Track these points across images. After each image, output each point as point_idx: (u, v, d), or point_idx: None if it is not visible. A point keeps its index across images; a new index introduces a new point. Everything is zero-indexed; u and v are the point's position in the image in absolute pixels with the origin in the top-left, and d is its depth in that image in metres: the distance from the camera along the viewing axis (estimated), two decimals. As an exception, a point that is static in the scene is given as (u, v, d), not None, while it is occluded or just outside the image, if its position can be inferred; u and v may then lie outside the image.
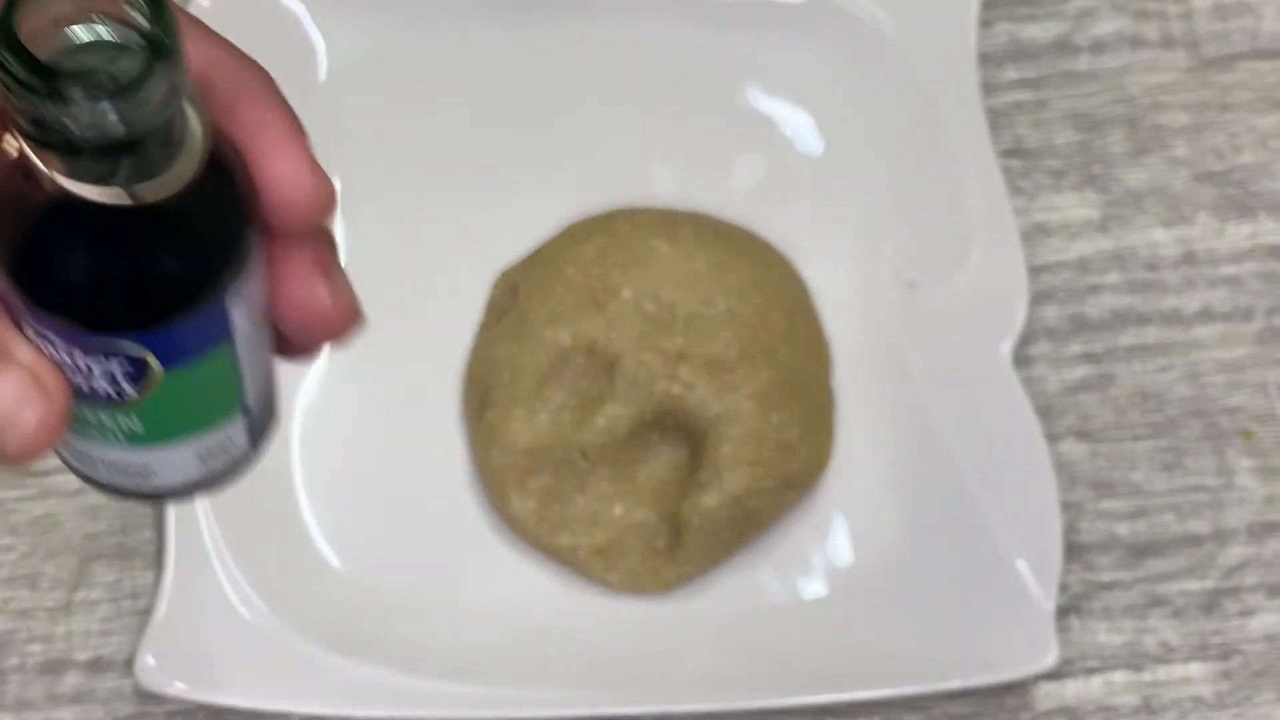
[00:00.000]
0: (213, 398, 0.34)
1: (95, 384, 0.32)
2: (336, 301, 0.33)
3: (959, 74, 0.61)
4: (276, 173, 0.32)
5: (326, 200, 0.32)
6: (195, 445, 0.34)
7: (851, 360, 0.59)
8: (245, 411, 0.35)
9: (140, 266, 0.30)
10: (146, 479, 0.35)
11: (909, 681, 0.54)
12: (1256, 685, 0.57)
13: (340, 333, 0.34)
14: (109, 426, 0.33)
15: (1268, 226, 0.62)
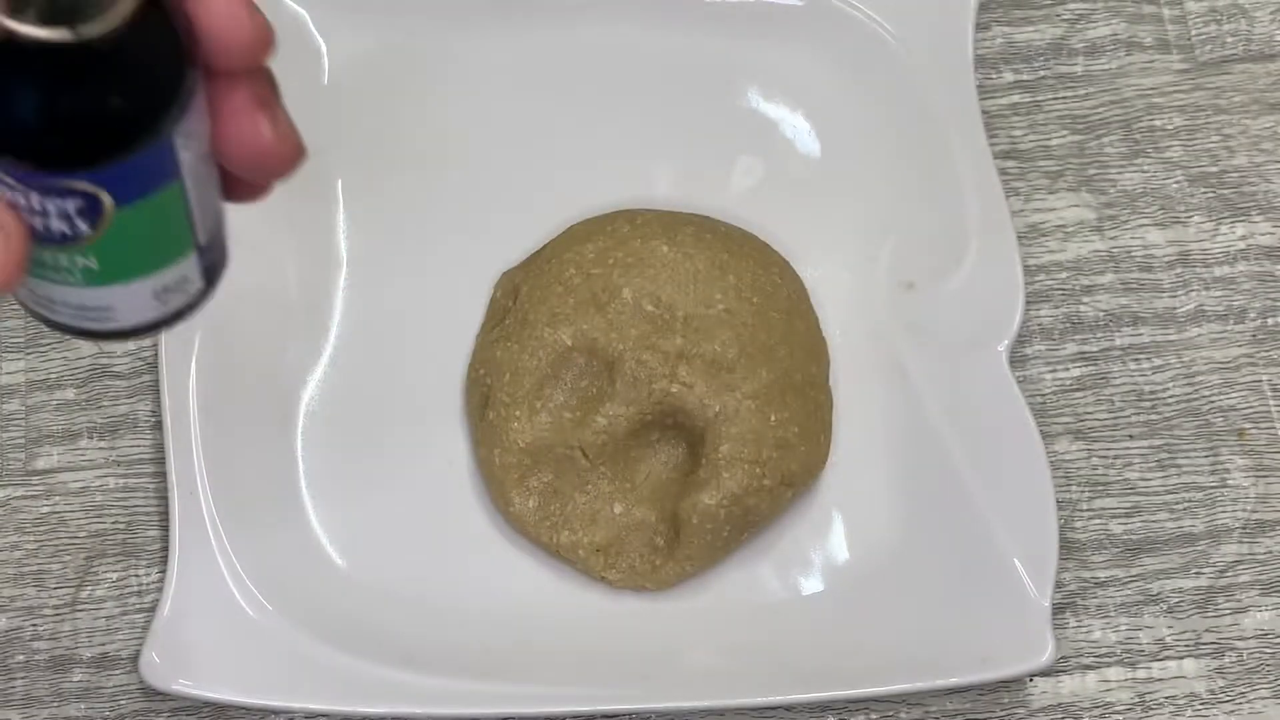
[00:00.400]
0: (166, 235, 0.34)
1: (51, 224, 0.32)
2: (279, 136, 0.34)
3: (956, 76, 0.62)
4: (214, 13, 0.32)
5: (264, 39, 0.33)
6: (152, 283, 0.35)
7: (849, 360, 0.60)
8: (198, 249, 0.36)
9: (88, 104, 0.31)
10: (106, 319, 0.36)
11: (906, 678, 0.54)
12: (1250, 682, 0.57)
13: (283, 167, 0.35)
14: (66, 267, 0.34)
15: (1261, 228, 0.63)
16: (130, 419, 0.59)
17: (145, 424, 0.59)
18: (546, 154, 0.63)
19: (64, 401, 0.59)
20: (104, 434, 0.59)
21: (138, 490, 0.58)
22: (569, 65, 0.64)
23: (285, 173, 0.35)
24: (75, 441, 0.59)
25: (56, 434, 0.59)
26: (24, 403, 0.60)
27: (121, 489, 0.58)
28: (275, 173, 0.35)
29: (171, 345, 0.57)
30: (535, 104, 0.63)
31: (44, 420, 0.59)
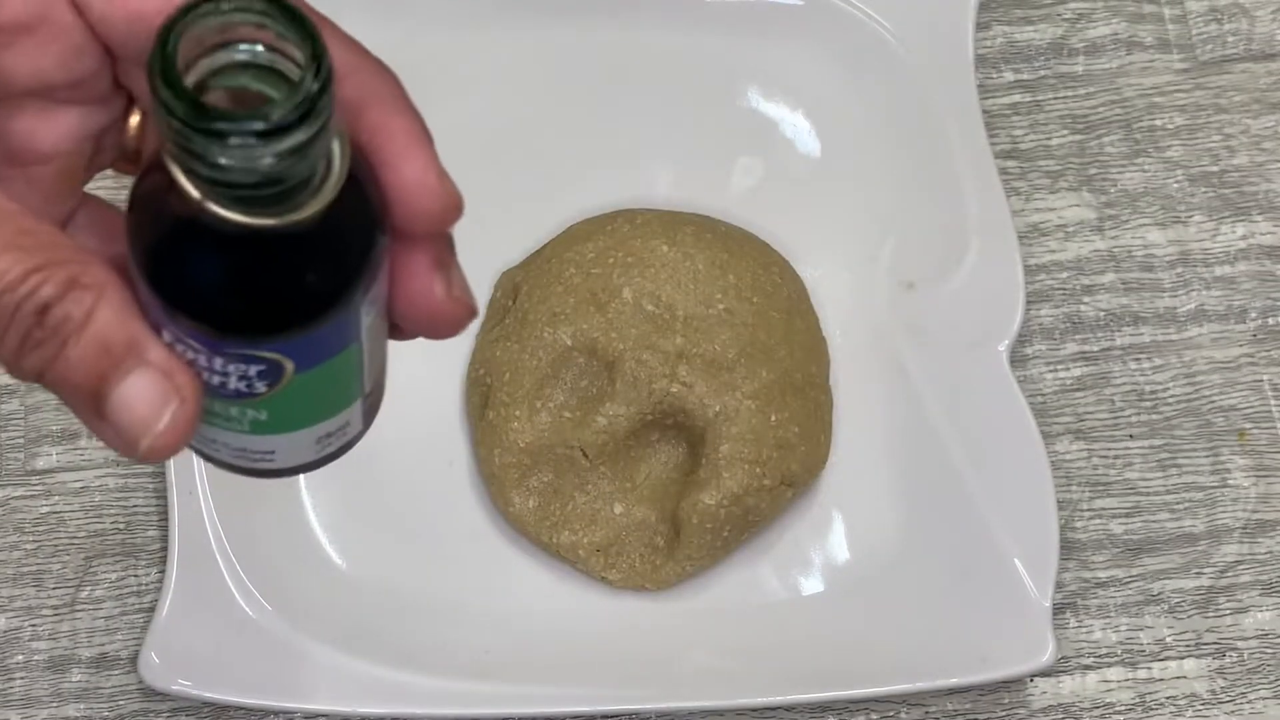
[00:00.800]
0: (338, 391, 0.35)
1: (228, 383, 0.32)
2: (451, 299, 0.34)
3: (956, 76, 0.62)
4: (405, 180, 0.32)
5: (453, 207, 0.33)
6: (316, 431, 0.35)
7: (849, 360, 0.60)
8: (363, 397, 0.36)
9: (281, 281, 0.31)
10: (266, 461, 0.36)
11: (906, 678, 0.54)
12: (1251, 682, 0.57)
13: (453, 329, 0.35)
14: (236, 417, 0.34)
15: (1262, 227, 0.63)
16: (129, 419, 0.59)
17: (144, 424, 0.59)
18: (546, 154, 0.63)
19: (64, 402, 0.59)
20: (103, 434, 0.59)
21: (137, 490, 0.58)
22: (569, 65, 0.64)
23: (453, 333, 0.35)
24: (75, 441, 0.59)
25: (56, 434, 0.59)
26: (23, 402, 0.59)
27: (121, 489, 0.58)
28: (444, 333, 0.35)
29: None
30: (535, 104, 0.63)
31: (43, 420, 0.59)
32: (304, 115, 0.29)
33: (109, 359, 0.31)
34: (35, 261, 0.31)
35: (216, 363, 0.32)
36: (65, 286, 0.31)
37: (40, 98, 0.34)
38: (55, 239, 0.32)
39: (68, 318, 0.31)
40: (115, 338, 0.31)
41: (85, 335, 0.31)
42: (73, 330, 0.31)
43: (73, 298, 0.31)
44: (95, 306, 0.31)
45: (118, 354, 0.31)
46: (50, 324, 0.31)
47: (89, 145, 0.35)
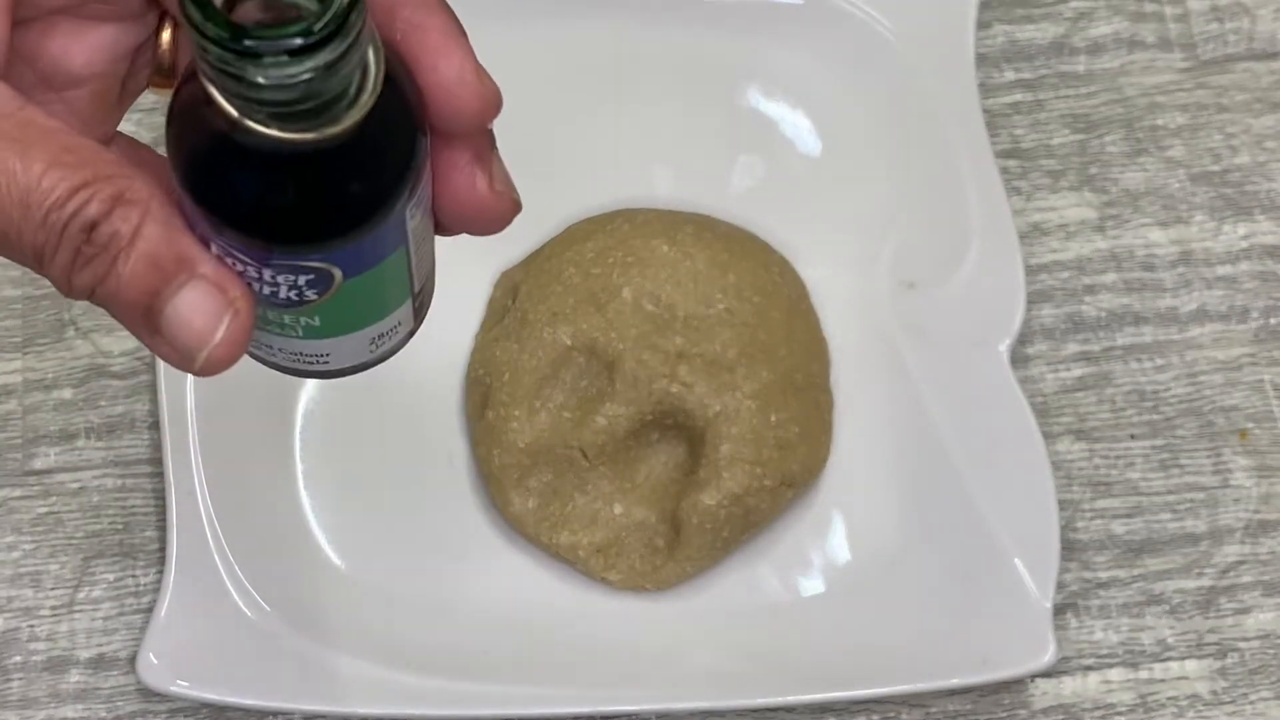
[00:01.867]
0: (388, 293, 0.35)
1: (280, 293, 0.33)
2: (495, 193, 0.34)
3: (957, 75, 0.61)
4: (443, 79, 0.32)
5: (492, 102, 0.33)
6: (370, 332, 0.35)
7: (850, 360, 0.60)
8: (413, 295, 0.36)
9: (325, 191, 0.31)
10: (321, 363, 0.36)
11: (907, 679, 0.54)
12: (1253, 683, 0.57)
13: (498, 223, 0.35)
14: (289, 324, 0.34)
15: (1264, 227, 0.63)
16: (128, 419, 0.59)
17: (143, 424, 0.59)
18: (546, 153, 0.62)
19: (61, 401, 0.59)
20: (101, 434, 0.59)
21: (135, 491, 0.58)
22: (568, 64, 0.64)
23: (499, 228, 0.35)
24: (73, 442, 0.59)
25: (54, 434, 0.59)
26: (21, 403, 0.59)
27: (119, 489, 0.58)
28: (489, 228, 0.35)
29: (169, 345, 0.57)
30: (535, 103, 0.63)
31: (41, 420, 0.59)
32: (336, 30, 0.28)
33: (160, 274, 0.31)
34: (80, 178, 0.31)
35: (266, 274, 0.32)
36: (111, 202, 0.31)
37: (71, 15, 0.34)
38: (98, 154, 0.31)
39: (116, 234, 0.31)
40: (165, 252, 0.31)
41: (135, 251, 0.31)
42: (122, 246, 0.31)
43: (120, 214, 0.31)
44: (143, 222, 0.31)
45: (169, 269, 0.31)
46: (99, 240, 0.31)
47: (123, 65, 0.35)
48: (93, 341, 0.60)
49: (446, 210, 0.34)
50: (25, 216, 0.31)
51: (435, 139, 0.33)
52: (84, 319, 0.60)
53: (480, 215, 0.34)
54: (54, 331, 0.60)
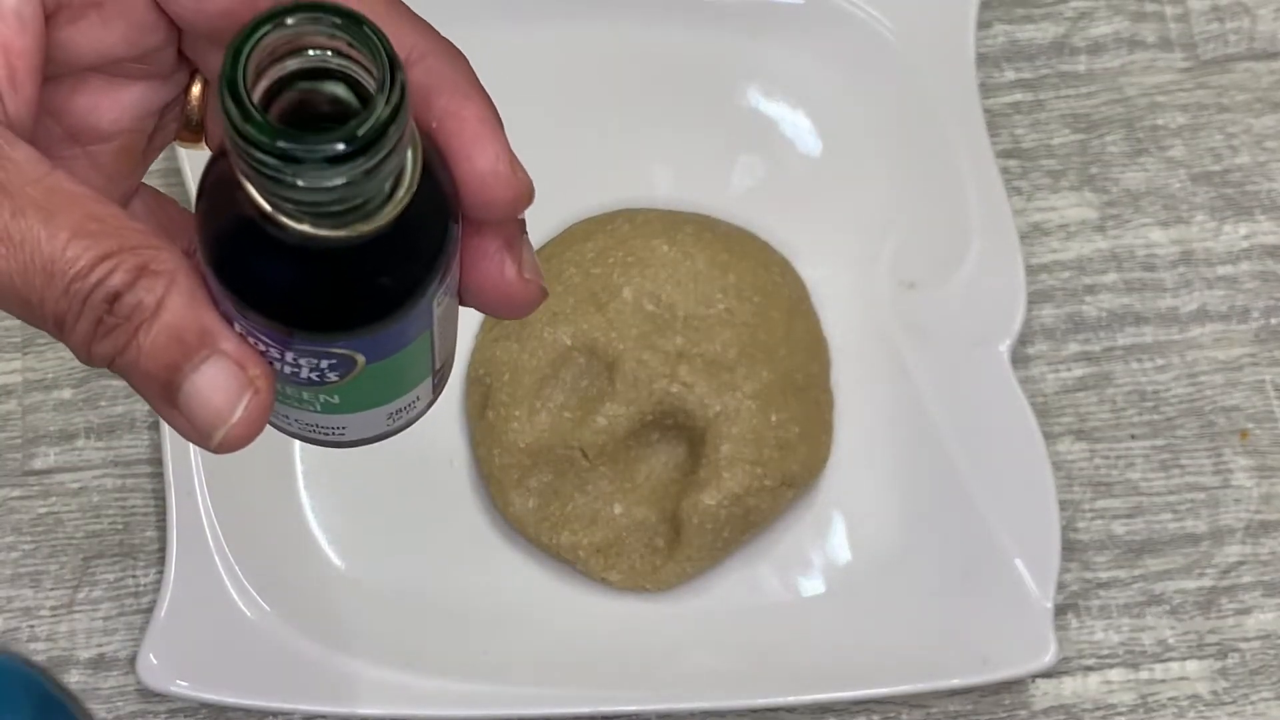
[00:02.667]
0: (409, 374, 0.34)
1: (300, 373, 0.32)
2: (523, 280, 0.34)
3: (957, 75, 0.61)
4: (478, 169, 0.32)
5: (525, 194, 0.33)
6: (389, 409, 0.35)
7: (850, 360, 0.60)
8: (434, 373, 0.36)
9: (354, 284, 0.31)
10: (337, 436, 0.36)
11: (908, 679, 0.54)
12: (1253, 683, 0.57)
13: (525, 309, 0.35)
14: (307, 400, 0.34)
15: (1264, 227, 0.63)
16: (127, 419, 0.59)
17: (143, 424, 0.59)
18: (546, 153, 0.62)
19: (61, 401, 0.59)
20: (101, 434, 0.59)
21: (135, 491, 0.58)
22: (568, 65, 0.64)
23: (525, 313, 0.35)
24: (72, 442, 0.59)
25: (54, 434, 0.59)
26: (21, 403, 0.59)
27: (119, 489, 0.58)
28: (516, 313, 0.35)
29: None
30: (535, 104, 0.63)
31: (41, 420, 0.59)
32: (377, 138, 0.28)
33: (182, 348, 0.31)
34: (105, 248, 0.30)
35: (288, 355, 0.32)
36: (136, 274, 0.30)
37: (104, 73, 0.34)
38: (124, 224, 0.31)
39: (140, 305, 0.31)
40: (188, 327, 0.31)
41: (157, 324, 0.31)
42: (144, 318, 0.31)
43: (144, 285, 0.31)
44: (167, 294, 0.31)
45: (191, 343, 0.31)
46: (121, 312, 0.31)
47: (151, 121, 0.35)
48: (92, 341, 0.60)
49: (474, 294, 0.34)
50: (48, 285, 0.31)
51: (466, 225, 0.33)
52: (84, 319, 0.60)
53: (508, 302, 0.34)
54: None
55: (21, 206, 0.30)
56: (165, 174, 0.62)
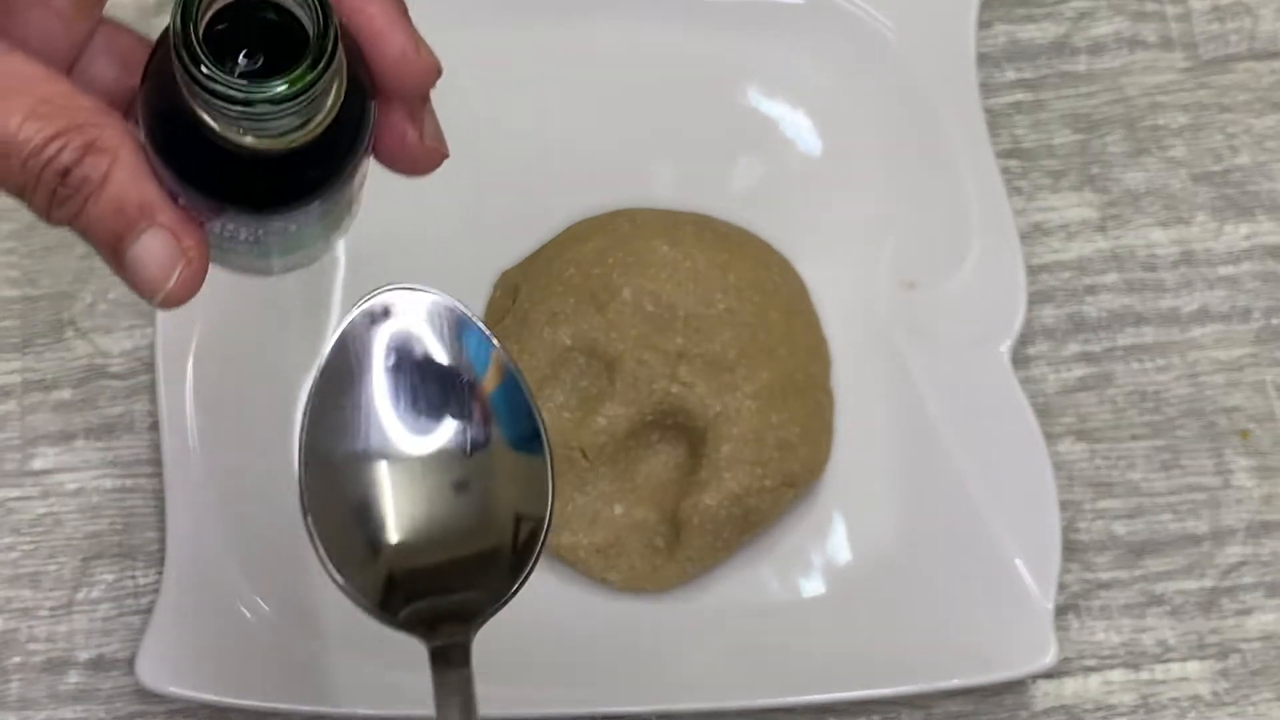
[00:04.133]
0: (335, 222, 0.39)
1: (237, 234, 0.37)
2: (424, 147, 0.39)
3: (958, 74, 0.61)
4: (389, 55, 0.36)
5: (433, 73, 0.37)
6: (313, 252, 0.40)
7: (851, 360, 0.60)
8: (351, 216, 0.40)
9: (287, 175, 0.35)
10: (267, 272, 0.40)
11: (908, 680, 0.54)
12: (1254, 684, 0.57)
13: (427, 169, 0.39)
14: (243, 251, 0.38)
15: (1265, 227, 0.62)
16: (127, 419, 0.59)
17: (142, 424, 0.59)
18: (546, 153, 0.62)
19: (60, 402, 0.59)
20: (100, 434, 0.59)
21: (135, 491, 0.58)
22: (568, 65, 0.63)
23: (427, 172, 0.39)
24: (71, 442, 0.59)
25: (53, 434, 0.59)
26: (20, 403, 0.59)
27: (118, 490, 0.58)
28: (419, 173, 0.39)
29: (168, 345, 0.57)
30: (535, 103, 0.63)
31: (40, 421, 0.59)
32: (316, 81, 0.32)
33: (124, 219, 0.35)
34: (56, 128, 0.34)
35: (226, 224, 0.36)
36: (83, 151, 0.35)
37: None
38: (72, 102, 0.35)
39: (86, 179, 0.35)
40: (129, 200, 0.35)
41: (102, 196, 0.35)
42: (91, 190, 0.35)
43: (90, 162, 0.35)
44: (111, 169, 0.35)
45: (131, 215, 0.35)
46: (72, 184, 0.35)
47: None
48: (92, 342, 0.60)
49: (381, 157, 0.38)
50: (5, 162, 0.35)
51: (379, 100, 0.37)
52: (83, 319, 0.60)
53: (412, 165, 0.39)
54: (53, 331, 0.60)
55: None
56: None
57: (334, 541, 0.37)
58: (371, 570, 0.37)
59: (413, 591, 0.37)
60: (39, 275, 0.61)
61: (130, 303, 0.60)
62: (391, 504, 0.37)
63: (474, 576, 0.37)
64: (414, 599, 0.36)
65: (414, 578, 0.37)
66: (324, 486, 0.38)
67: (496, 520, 0.38)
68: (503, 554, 0.37)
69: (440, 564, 0.37)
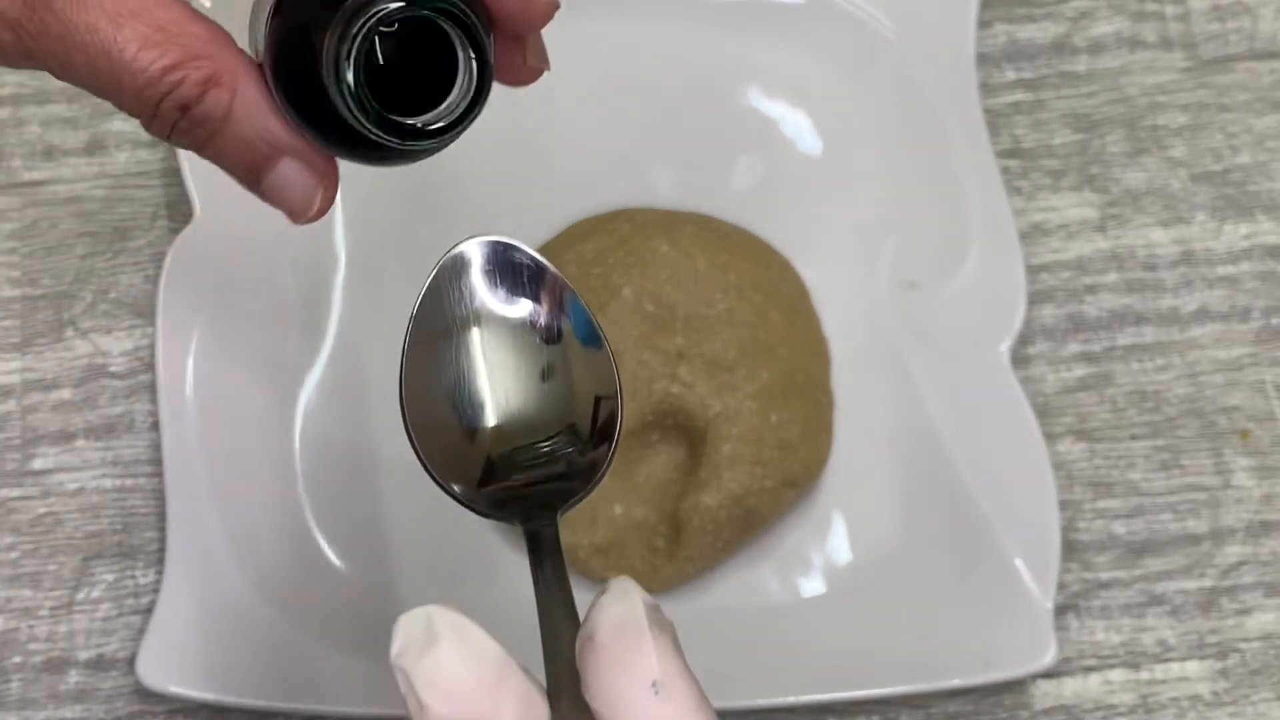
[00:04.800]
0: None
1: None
2: (528, 66, 0.40)
3: (958, 74, 0.61)
4: (511, 7, 0.37)
5: (552, 9, 0.38)
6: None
7: (850, 360, 0.60)
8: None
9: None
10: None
11: (908, 679, 0.54)
12: (1254, 684, 0.57)
13: (525, 84, 0.41)
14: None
15: (1265, 226, 0.62)
16: (127, 419, 0.59)
17: (142, 424, 0.59)
18: (546, 153, 0.62)
19: (60, 401, 0.59)
20: (100, 434, 0.59)
21: (134, 491, 0.58)
22: (568, 65, 0.63)
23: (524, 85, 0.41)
24: (71, 442, 0.59)
25: (53, 434, 0.59)
26: (20, 403, 0.59)
27: (118, 490, 0.58)
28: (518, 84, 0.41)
29: (168, 345, 0.57)
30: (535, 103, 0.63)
31: (40, 420, 0.59)
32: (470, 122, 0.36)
33: (254, 153, 0.36)
34: (172, 58, 0.35)
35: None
36: (203, 86, 0.35)
37: None
38: (189, 29, 0.35)
39: (208, 116, 0.36)
40: (257, 136, 0.36)
41: (227, 132, 0.36)
42: (215, 127, 0.36)
43: (211, 98, 0.35)
44: (233, 105, 0.36)
45: (262, 150, 0.36)
46: (194, 119, 0.36)
47: None
48: (92, 341, 0.60)
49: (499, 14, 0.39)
50: (121, 91, 0.35)
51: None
52: (83, 319, 0.60)
53: (513, 81, 0.40)
54: (53, 331, 0.60)
55: (94, 21, 0.35)
56: (165, 174, 0.62)
57: (431, 445, 0.39)
58: (467, 464, 0.39)
59: (505, 482, 0.40)
60: (39, 275, 0.61)
61: (130, 302, 0.60)
62: (486, 389, 0.40)
63: (559, 464, 0.40)
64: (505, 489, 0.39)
65: (506, 466, 0.39)
66: (419, 389, 0.40)
67: (578, 403, 0.40)
68: (582, 437, 0.39)
69: (529, 450, 0.39)
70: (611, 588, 0.36)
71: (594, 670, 0.35)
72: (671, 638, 0.35)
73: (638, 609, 0.35)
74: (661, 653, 0.35)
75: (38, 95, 0.63)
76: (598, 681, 0.35)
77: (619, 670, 0.35)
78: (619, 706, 0.34)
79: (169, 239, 0.60)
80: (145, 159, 0.62)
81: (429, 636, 0.36)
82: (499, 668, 0.36)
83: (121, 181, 0.62)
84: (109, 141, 0.63)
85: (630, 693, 0.34)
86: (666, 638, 0.35)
